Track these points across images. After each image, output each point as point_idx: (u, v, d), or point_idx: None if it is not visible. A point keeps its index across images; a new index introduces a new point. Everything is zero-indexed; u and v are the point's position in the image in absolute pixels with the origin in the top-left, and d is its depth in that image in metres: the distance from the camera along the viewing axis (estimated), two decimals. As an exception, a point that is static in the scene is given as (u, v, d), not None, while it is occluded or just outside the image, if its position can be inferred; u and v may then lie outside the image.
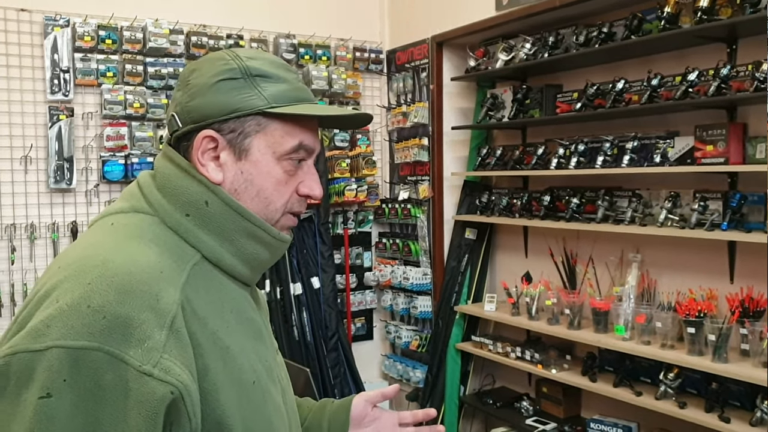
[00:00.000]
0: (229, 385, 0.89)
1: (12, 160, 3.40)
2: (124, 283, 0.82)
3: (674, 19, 2.71)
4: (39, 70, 3.44)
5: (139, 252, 0.89)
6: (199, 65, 1.00)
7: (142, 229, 0.94)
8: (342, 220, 4.37)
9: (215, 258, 0.96)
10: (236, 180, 0.98)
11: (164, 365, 0.80)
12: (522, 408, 3.50)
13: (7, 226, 3.38)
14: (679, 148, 2.79)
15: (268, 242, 1.00)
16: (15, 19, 3.39)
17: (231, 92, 0.96)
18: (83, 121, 3.54)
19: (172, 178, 0.97)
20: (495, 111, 3.72)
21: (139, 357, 0.79)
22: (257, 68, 0.98)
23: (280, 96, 0.98)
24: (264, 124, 0.98)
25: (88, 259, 0.86)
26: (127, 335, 0.79)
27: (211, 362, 0.88)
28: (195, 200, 0.96)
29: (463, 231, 3.97)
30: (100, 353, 0.78)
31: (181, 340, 0.84)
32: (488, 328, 3.94)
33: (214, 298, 0.94)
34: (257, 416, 0.93)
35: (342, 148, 4.31)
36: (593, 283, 3.23)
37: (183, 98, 0.99)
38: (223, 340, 0.91)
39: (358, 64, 4.38)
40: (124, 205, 0.98)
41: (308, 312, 4.01)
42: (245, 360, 0.94)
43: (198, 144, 0.97)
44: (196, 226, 0.96)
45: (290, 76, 1.02)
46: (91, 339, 0.78)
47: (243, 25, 3.97)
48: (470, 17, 3.73)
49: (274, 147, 0.98)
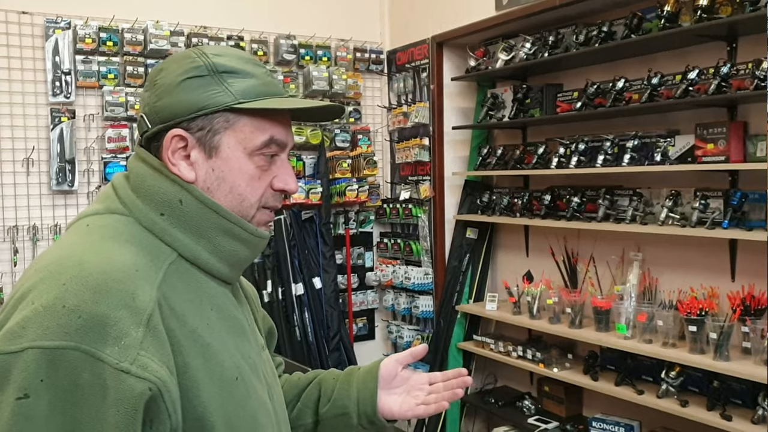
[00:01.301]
0: (209, 381, 0.89)
1: (14, 162, 3.40)
2: (99, 283, 0.82)
3: (674, 17, 2.71)
4: (40, 72, 3.45)
5: (114, 252, 0.89)
6: (166, 64, 1.00)
7: (117, 229, 0.93)
8: (343, 220, 4.38)
9: (192, 256, 0.96)
10: (208, 178, 0.97)
11: (141, 362, 0.80)
12: (524, 407, 3.50)
13: (9, 228, 3.39)
14: (680, 146, 2.79)
15: (245, 239, 1.00)
16: (16, 21, 3.40)
17: (197, 90, 0.96)
18: (85, 123, 3.55)
19: (145, 178, 0.97)
20: (495, 111, 3.73)
21: (115, 355, 0.79)
22: (223, 64, 0.98)
23: (247, 91, 0.97)
24: (232, 121, 0.97)
25: (63, 260, 0.86)
26: (104, 334, 0.79)
27: (190, 359, 0.88)
28: (169, 199, 0.96)
29: (465, 230, 3.97)
30: (76, 352, 0.77)
31: (158, 337, 0.84)
32: (490, 327, 3.95)
33: (193, 295, 0.94)
34: (240, 412, 0.93)
35: (343, 149, 4.31)
36: (594, 281, 3.23)
37: (151, 98, 0.98)
38: (203, 337, 0.91)
39: (358, 65, 4.39)
40: (99, 207, 0.98)
41: (310, 312, 4.02)
42: (227, 356, 0.94)
43: (167, 144, 0.96)
44: (171, 225, 0.95)
45: (258, 70, 1.01)
46: (67, 338, 0.78)
47: (243, 26, 3.98)
48: (470, 17, 3.73)
49: (244, 143, 0.98)
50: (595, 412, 3.22)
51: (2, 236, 3.38)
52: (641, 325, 2.86)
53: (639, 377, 2.95)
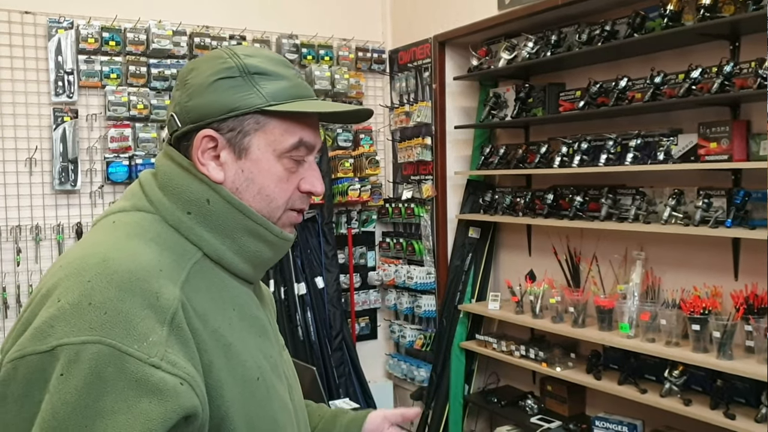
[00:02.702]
0: (232, 381, 0.89)
1: (17, 162, 3.41)
2: (123, 281, 0.83)
3: (677, 16, 2.71)
4: (43, 72, 3.46)
5: (138, 250, 0.89)
6: (198, 64, 1.00)
7: (143, 227, 0.94)
8: (345, 219, 4.38)
9: (216, 256, 0.96)
10: (237, 179, 0.98)
11: (170, 359, 0.81)
12: (527, 406, 3.51)
13: (12, 228, 3.39)
14: (683, 145, 2.79)
15: (270, 240, 1.00)
16: (19, 21, 3.41)
17: (229, 91, 0.96)
18: (87, 123, 3.55)
19: (173, 177, 0.97)
20: (498, 110, 3.73)
21: (144, 350, 0.79)
22: (255, 66, 0.98)
23: (278, 93, 0.98)
24: (263, 123, 0.97)
25: (88, 258, 0.86)
26: (129, 330, 0.80)
27: (214, 358, 0.88)
28: (196, 198, 0.96)
29: (467, 230, 3.97)
30: (100, 346, 0.78)
31: (183, 335, 0.84)
32: (492, 326, 3.95)
33: (216, 295, 0.94)
34: (261, 412, 0.93)
35: (345, 148, 4.31)
36: (597, 281, 3.23)
37: (182, 98, 0.99)
38: (225, 337, 0.91)
39: (360, 64, 4.39)
40: (126, 204, 0.99)
41: (312, 312, 4.02)
42: (248, 356, 0.94)
43: (197, 144, 0.97)
44: (197, 223, 0.96)
45: (289, 72, 1.02)
46: (92, 333, 0.78)
47: (245, 26, 3.98)
48: (472, 16, 3.73)
49: (274, 145, 0.98)
50: (598, 412, 3.22)
51: (5, 236, 3.38)
52: (644, 324, 2.86)
53: (642, 376, 2.95)
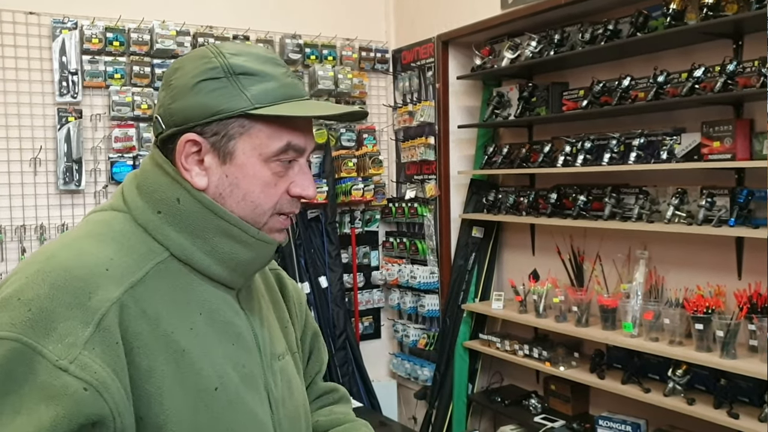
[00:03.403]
0: (178, 389, 0.86)
1: (22, 162, 3.42)
2: (58, 279, 0.82)
3: (680, 15, 2.71)
4: (48, 72, 3.47)
5: (88, 249, 0.88)
6: (182, 63, 0.97)
7: (109, 225, 0.93)
8: (349, 219, 4.38)
9: (184, 256, 0.93)
10: (221, 184, 0.94)
11: (82, 362, 0.79)
12: (530, 406, 3.51)
13: (17, 228, 3.40)
14: (686, 144, 2.78)
15: (245, 241, 0.96)
16: (24, 22, 3.42)
17: (212, 93, 0.92)
18: (91, 123, 3.56)
19: (149, 176, 0.96)
20: (501, 109, 3.72)
21: (57, 351, 0.78)
22: (241, 66, 0.94)
23: (265, 95, 0.93)
24: (248, 126, 0.93)
25: (38, 254, 0.88)
26: (49, 329, 0.79)
27: (158, 364, 0.85)
28: (167, 197, 0.94)
29: (470, 229, 3.97)
30: (17, 344, 0.77)
31: (108, 339, 0.82)
32: (496, 326, 3.95)
33: (178, 297, 0.91)
34: (215, 424, 0.90)
35: (348, 148, 4.32)
36: (601, 280, 3.23)
37: (165, 99, 0.96)
38: (179, 342, 0.88)
39: (363, 64, 4.39)
40: (106, 203, 0.99)
41: (316, 311, 4.02)
42: (207, 364, 0.90)
43: (181, 148, 0.94)
44: (166, 223, 0.93)
45: (277, 71, 0.96)
46: (12, 330, 0.78)
47: (249, 26, 3.99)
48: (475, 16, 3.73)
49: (259, 149, 0.94)
50: (602, 411, 3.21)
51: (10, 236, 3.40)
52: (648, 323, 2.86)
53: (645, 375, 2.95)
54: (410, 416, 4.43)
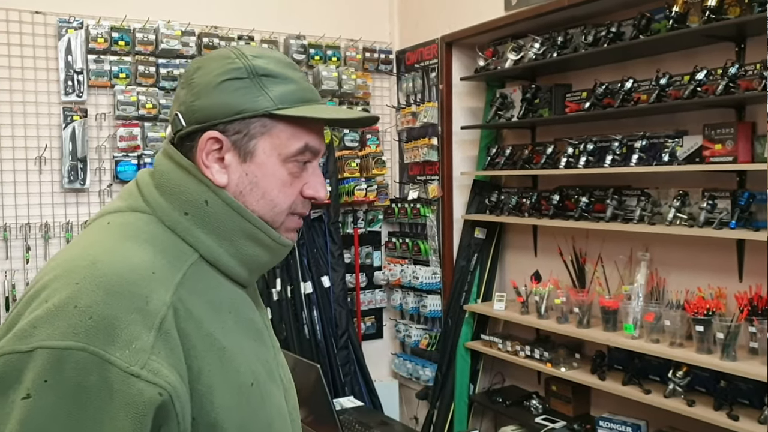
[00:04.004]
0: (224, 386, 0.88)
1: (27, 161, 3.44)
2: (112, 284, 0.81)
3: (682, 18, 2.72)
4: (53, 71, 3.49)
5: (131, 252, 0.87)
6: (204, 63, 0.98)
7: (138, 228, 0.92)
8: (352, 219, 4.40)
9: (213, 258, 0.95)
10: (241, 182, 0.96)
11: (152, 367, 0.79)
12: (531, 406, 3.51)
13: (22, 226, 3.43)
14: (688, 147, 2.79)
15: (268, 244, 0.99)
16: (30, 21, 3.44)
17: (236, 93, 0.94)
18: (96, 122, 3.58)
19: (171, 177, 0.95)
20: (504, 110, 3.73)
21: (126, 358, 0.77)
22: (263, 67, 0.96)
23: (286, 97, 0.96)
24: (269, 126, 0.95)
25: (79, 259, 0.85)
26: (114, 336, 0.78)
27: (205, 364, 0.86)
28: (195, 199, 0.94)
29: (473, 230, 3.98)
30: (84, 353, 0.76)
31: (170, 342, 0.82)
32: (498, 326, 3.96)
33: (212, 298, 0.93)
34: (255, 418, 0.92)
35: (352, 148, 4.33)
36: (602, 281, 3.24)
37: (187, 97, 0.96)
38: (220, 341, 0.89)
39: (367, 65, 4.41)
40: (122, 204, 0.97)
41: (319, 310, 4.04)
42: (243, 361, 0.93)
43: (202, 145, 0.94)
44: (194, 225, 0.94)
45: (297, 75, 0.99)
46: (76, 339, 0.76)
47: (254, 26, 4.01)
48: (479, 17, 3.74)
49: (279, 149, 0.96)
50: (603, 412, 3.22)
51: (15, 234, 3.42)
52: (648, 324, 2.86)
53: (646, 377, 2.96)
54: (412, 416, 4.44)
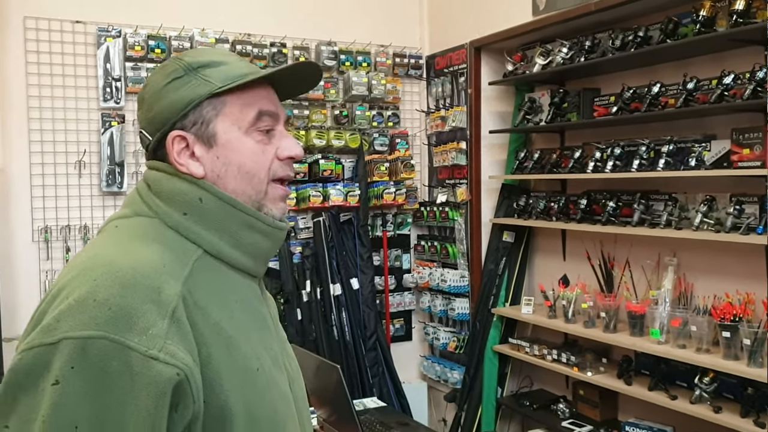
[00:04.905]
0: (232, 372, 0.94)
1: (67, 165, 3.57)
2: (127, 278, 0.88)
3: (710, 22, 2.70)
4: (92, 78, 3.62)
5: (142, 250, 0.95)
6: (149, 80, 1.07)
7: (145, 229, 0.99)
8: (381, 222, 4.44)
9: (216, 251, 1.01)
10: (215, 167, 1.03)
11: (169, 350, 0.86)
12: (559, 410, 3.51)
13: (62, 228, 3.56)
14: (716, 151, 2.77)
15: (264, 230, 1.05)
16: (70, 30, 3.58)
17: (180, 89, 1.02)
18: (134, 127, 3.69)
19: (163, 183, 1.02)
20: (533, 115, 3.74)
21: (144, 343, 0.84)
22: (198, 61, 1.04)
23: (224, 77, 1.02)
24: (219, 106, 1.02)
25: (95, 259, 0.93)
26: (131, 324, 0.85)
27: (213, 351, 0.92)
28: (189, 199, 1.01)
29: (501, 234, 4.00)
30: (105, 341, 0.83)
31: (182, 328, 0.89)
32: (525, 330, 3.96)
33: (218, 289, 0.99)
34: (261, 402, 0.98)
35: (381, 152, 4.38)
36: (630, 286, 3.23)
37: (143, 113, 1.05)
38: (227, 330, 0.95)
39: (397, 70, 4.45)
40: (127, 210, 1.04)
41: (347, 312, 4.10)
42: (249, 348, 0.98)
43: (170, 147, 1.02)
44: (194, 223, 1.00)
45: (231, 59, 1.06)
46: (97, 329, 0.83)
47: (286, 33, 4.08)
48: (508, 22, 3.76)
49: (237, 123, 1.03)
50: (630, 417, 3.21)
51: (56, 235, 3.55)
52: (675, 330, 2.85)
53: (673, 382, 2.94)
54: (440, 418, 4.47)
